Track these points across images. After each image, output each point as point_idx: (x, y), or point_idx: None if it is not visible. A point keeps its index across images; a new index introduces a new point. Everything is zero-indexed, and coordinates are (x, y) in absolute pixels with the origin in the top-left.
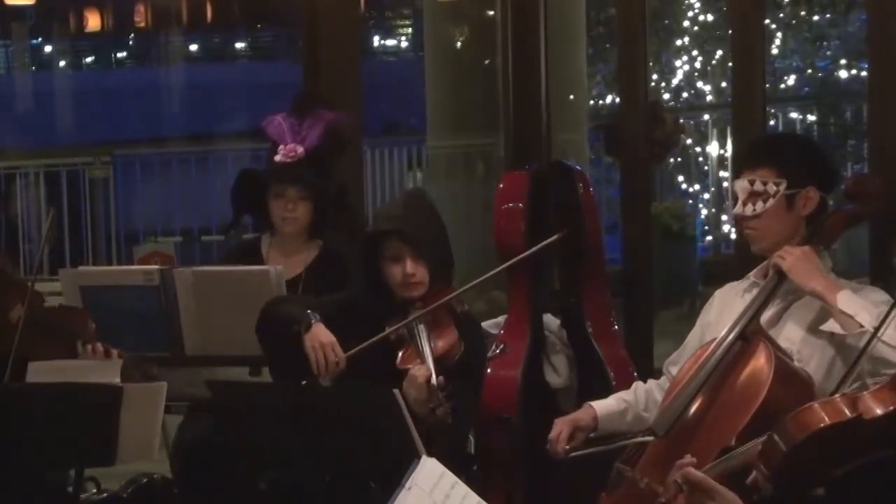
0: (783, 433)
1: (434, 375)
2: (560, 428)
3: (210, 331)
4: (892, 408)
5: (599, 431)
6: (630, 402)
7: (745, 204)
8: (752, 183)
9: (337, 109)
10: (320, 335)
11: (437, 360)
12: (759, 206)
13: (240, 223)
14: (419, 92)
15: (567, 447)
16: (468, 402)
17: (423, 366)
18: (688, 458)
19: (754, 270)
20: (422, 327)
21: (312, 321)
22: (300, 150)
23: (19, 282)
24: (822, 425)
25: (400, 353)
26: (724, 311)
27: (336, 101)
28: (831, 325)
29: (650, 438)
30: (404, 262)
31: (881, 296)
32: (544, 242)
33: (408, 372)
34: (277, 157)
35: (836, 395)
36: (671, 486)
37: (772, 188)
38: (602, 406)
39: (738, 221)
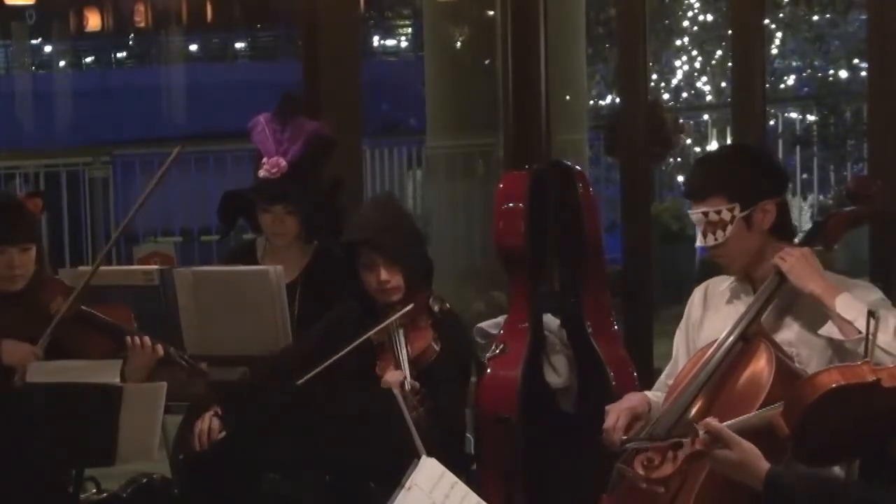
0: (802, 390)
1: (408, 379)
2: (616, 416)
3: (210, 331)
4: None
5: (648, 420)
6: (654, 401)
7: (705, 235)
8: (706, 214)
9: (319, 119)
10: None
11: (413, 363)
12: (720, 234)
13: (232, 230)
14: (419, 92)
15: (624, 438)
16: (448, 402)
17: (397, 371)
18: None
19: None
20: (400, 331)
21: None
22: (283, 163)
23: (56, 278)
24: (837, 384)
25: (378, 362)
26: (708, 310)
27: (336, 101)
28: (829, 330)
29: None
30: (378, 269)
31: (876, 294)
32: (393, 317)
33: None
34: (261, 172)
35: (859, 361)
36: (691, 430)
37: (727, 215)
38: (651, 396)
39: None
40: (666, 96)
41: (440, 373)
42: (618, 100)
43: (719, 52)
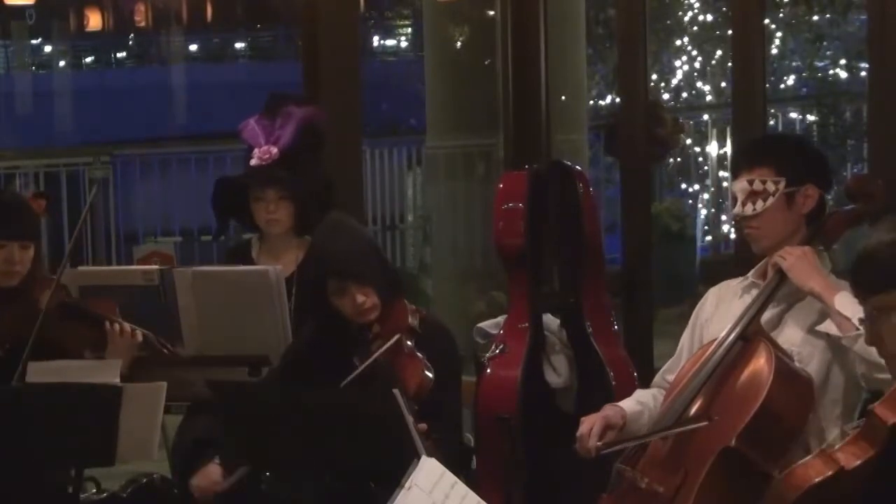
0: (773, 499)
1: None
2: (591, 424)
3: (210, 331)
4: (869, 455)
5: (623, 432)
6: (644, 403)
7: (744, 204)
8: (751, 182)
9: (309, 105)
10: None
11: (414, 398)
12: (759, 204)
13: (227, 228)
14: (419, 92)
15: (599, 444)
16: (450, 413)
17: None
18: None
19: (753, 270)
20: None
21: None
22: (274, 150)
23: (45, 275)
24: (810, 484)
25: None
26: (720, 308)
27: (336, 101)
28: (827, 326)
29: (703, 424)
30: (351, 293)
31: None
32: (380, 351)
33: None
34: (253, 161)
35: (811, 457)
36: None
37: (771, 186)
38: (627, 406)
39: (738, 222)
40: (666, 96)
41: (438, 394)
42: (618, 100)
43: (719, 52)
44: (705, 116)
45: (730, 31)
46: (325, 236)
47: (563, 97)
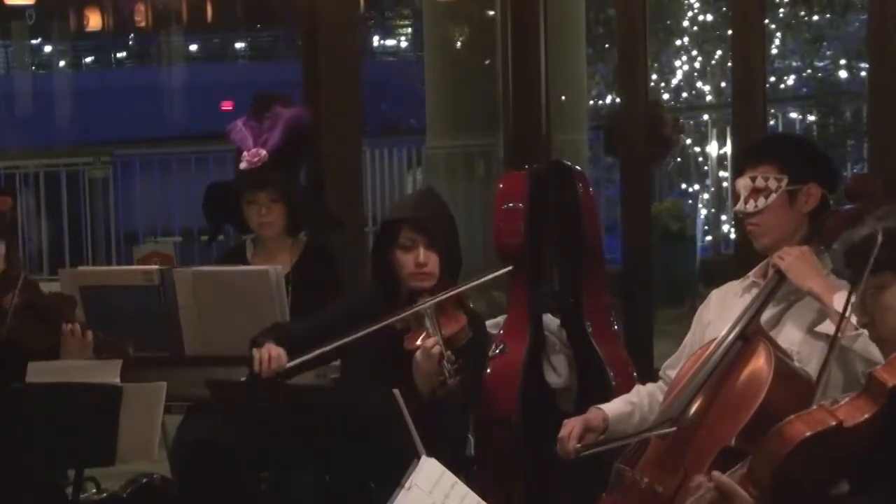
0: (769, 446)
1: (444, 349)
2: (571, 427)
3: (210, 331)
4: (869, 414)
5: (608, 433)
6: (636, 403)
7: (746, 201)
8: (753, 179)
9: (295, 105)
10: (267, 347)
11: (447, 341)
12: (762, 201)
13: (220, 233)
14: (419, 92)
15: (578, 446)
16: (474, 385)
17: (432, 339)
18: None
19: (753, 270)
20: (431, 315)
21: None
22: (263, 153)
23: (12, 273)
24: (805, 435)
25: (407, 337)
26: (722, 310)
27: (336, 101)
28: (826, 327)
29: (672, 430)
30: (417, 250)
31: None
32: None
33: (417, 351)
34: (242, 165)
35: (814, 407)
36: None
37: (773, 184)
38: (611, 408)
39: (739, 218)
40: (666, 96)
41: (470, 356)
42: (618, 100)
43: (719, 52)
44: (705, 116)
45: (730, 31)
46: (416, 194)
47: (563, 97)
